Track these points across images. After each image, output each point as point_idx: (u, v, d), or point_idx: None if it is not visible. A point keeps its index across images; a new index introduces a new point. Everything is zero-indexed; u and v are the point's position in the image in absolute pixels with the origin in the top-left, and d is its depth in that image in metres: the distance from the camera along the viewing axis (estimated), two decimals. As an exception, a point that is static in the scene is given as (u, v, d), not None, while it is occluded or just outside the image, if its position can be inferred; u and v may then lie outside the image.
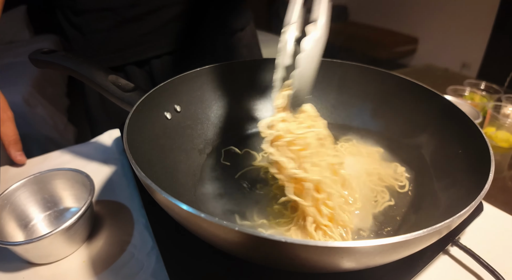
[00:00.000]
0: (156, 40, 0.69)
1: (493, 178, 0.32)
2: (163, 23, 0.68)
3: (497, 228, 0.47)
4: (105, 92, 0.48)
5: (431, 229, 0.25)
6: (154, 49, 0.70)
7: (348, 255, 0.25)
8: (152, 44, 0.70)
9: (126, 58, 0.70)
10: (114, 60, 0.70)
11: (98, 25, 0.65)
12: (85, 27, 0.66)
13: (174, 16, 0.68)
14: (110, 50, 0.69)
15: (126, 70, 0.72)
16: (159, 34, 0.69)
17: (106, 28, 0.65)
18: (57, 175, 0.47)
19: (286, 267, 0.32)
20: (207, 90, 0.56)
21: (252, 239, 0.25)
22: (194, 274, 0.37)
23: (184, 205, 0.26)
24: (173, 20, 0.69)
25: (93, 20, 0.65)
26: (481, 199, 0.29)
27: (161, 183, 0.40)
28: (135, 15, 0.65)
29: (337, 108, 0.59)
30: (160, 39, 0.70)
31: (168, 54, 0.73)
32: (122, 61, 0.70)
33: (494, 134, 0.72)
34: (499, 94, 0.88)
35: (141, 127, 0.42)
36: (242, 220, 0.41)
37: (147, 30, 0.68)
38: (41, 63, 0.52)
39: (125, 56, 0.70)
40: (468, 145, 0.40)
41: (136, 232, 0.46)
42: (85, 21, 0.65)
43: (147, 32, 0.68)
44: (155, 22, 0.67)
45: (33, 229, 0.45)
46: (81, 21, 0.65)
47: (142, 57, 0.71)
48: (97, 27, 0.65)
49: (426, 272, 0.40)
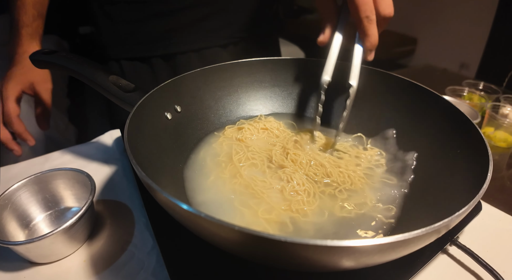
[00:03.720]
0: (182, 37, 0.72)
1: (492, 177, 0.32)
2: (191, 21, 0.71)
3: (496, 227, 0.47)
4: (106, 93, 0.48)
5: (430, 228, 0.25)
6: (179, 46, 0.73)
7: (347, 254, 0.25)
8: (178, 40, 0.72)
9: (151, 50, 0.73)
10: (139, 51, 0.73)
11: (128, 15, 0.69)
12: (116, 17, 0.69)
13: (202, 16, 0.71)
14: (136, 41, 0.72)
15: (152, 62, 0.75)
16: (186, 31, 0.72)
17: (135, 20, 0.69)
18: (58, 175, 0.47)
19: (285, 266, 0.32)
20: (207, 91, 0.56)
21: (252, 238, 0.25)
22: (194, 274, 0.38)
23: (185, 204, 0.26)
24: (200, 20, 0.71)
25: (125, 11, 0.68)
26: (479, 199, 0.29)
27: (161, 182, 0.40)
28: (164, 11, 0.68)
29: (337, 108, 0.59)
30: (186, 36, 0.72)
31: (193, 52, 0.75)
32: (147, 53, 0.73)
33: (493, 134, 0.72)
34: (498, 95, 0.88)
35: (141, 128, 0.42)
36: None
37: (175, 26, 0.70)
38: (42, 64, 0.52)
39: (150, 49, 0.73)
40: (466, 145, 0.40)
41: (136, 232, 0.46)
42: (117, 11, 0.68)
43: (174, 28, 0.71)
44: (183, 19, 0.70)
45: (34, 229, 0.45)
46: (113, 10, 0.69)
47: (167, 52, 0.73)
48: (127, 17, 0.69)
49: (425, 271, 0.40)
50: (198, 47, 0.75)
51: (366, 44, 0.47)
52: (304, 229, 0.39)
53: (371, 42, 0.47)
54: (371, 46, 0.47)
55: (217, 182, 0.46)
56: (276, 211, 0.41)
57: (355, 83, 0.48)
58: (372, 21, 0.45)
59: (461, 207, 0.28)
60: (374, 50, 0.49)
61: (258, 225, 0.39)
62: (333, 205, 0.42)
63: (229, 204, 0.42)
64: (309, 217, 0.40)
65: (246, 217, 0.40)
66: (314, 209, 0.41)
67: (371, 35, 0.46)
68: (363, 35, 0.46)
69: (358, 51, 0.49)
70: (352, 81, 0.47)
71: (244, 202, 0.42)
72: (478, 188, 0.30)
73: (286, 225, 0.39)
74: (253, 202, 0.42)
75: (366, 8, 0.43)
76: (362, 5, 0.43)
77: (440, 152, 0.44)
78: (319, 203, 0.42)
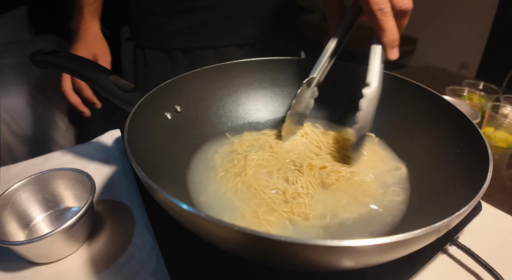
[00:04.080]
0: (201, 33, 0.77)
1: (492, 177, 0.32)
2: (211, 20, 0.75)
3: (496, 227, 0.47)
4: (106, 93, 0.48)
5: (430, 228, 0.25)
6: (198, 41, 0.78)
7: (347, 254, 0.25)
8: (197, 36, 0.77)
9: (172, 43, 0.79)
10: (162, 42, 0.79)
11: (157, 9, 0.75)
12: (146, 8, 0.76)
13: (222, 15, 0.75)
14: (160, 33, 0.78)
15: (172, 54, 0.81)
16: (205, 28, 0.76)
17: (162, 13, 0.75)
18: (58, 175, 0.47)
19: (285, 266, 0.32)
20: (207, 91, 0.56)
21: (251, 238, 0.25)
22: (195, 273, 0.38)
23: (185, 204, 0.26)
24: (220, 19, 0.75)
25: (155, 4, 0.75)
26: (479, 198, 0.29)
27: (161, 182, 0.40)
28: (188, 8, 0.74)
29: (337, 108, 0.59)
30: (205, 33, 0.77)
31: (211, 48, 0.79)
32: (168, 45, 0.80)
33: (493, 134, 0.72)
34: (498, 95, 0.88)
35: (141, 128, 0.42)
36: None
37: (196, 23, 0.75)
38: (42, 64, 0.52)
39: (172, 41, 0.79)
40: (466, 145, 0.40)
41: (136, 232, 0.46)
42: (148, 3, 0.76)
43: (195, 25, 0.76)
44: (204, 17, 0.75)
45: (34, 229, 0.45)
46: (145, 2, 0.76)
47: (187, 46, 0.79)
48: (155, 10, 0.75)
49: (425, 271, 0.40)
50: (216, 45, 0.79)
51: (384, 40, 0.43)
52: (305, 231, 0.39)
53: (389, 37, 0.43)
54: (390, 42, 0.44)
55: (219, 181, 0.46)
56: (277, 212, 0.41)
57: (373, 83, 0.45)
58: (387, 13, 0.41)
59: (461, 207, 0.28)
60: (396, 46, 0.45)
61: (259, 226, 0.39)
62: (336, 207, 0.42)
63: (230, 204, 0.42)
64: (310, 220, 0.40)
65: (247, 218, 0.40)
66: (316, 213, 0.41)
67: (388, 29, 0.42)
68: (379, 30, 0.43)
69: (375, 49, 0.45)
70: (368, 80, 0.45)
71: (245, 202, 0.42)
72: (478, 188, 0.30)
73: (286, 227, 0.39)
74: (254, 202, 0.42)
75: (379, 0, 0.40)
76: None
77: (440, 152, 0.44)
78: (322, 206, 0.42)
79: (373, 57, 0.45)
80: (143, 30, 0.80)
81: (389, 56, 0.45)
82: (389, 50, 0.45)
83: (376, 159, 0.49)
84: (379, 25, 0.42)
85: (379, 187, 0.45)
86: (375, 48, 0.45)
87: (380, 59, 0.45)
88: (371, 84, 0.45)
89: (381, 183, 0.45)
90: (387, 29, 0.42)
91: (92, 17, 0.72)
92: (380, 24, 0.42)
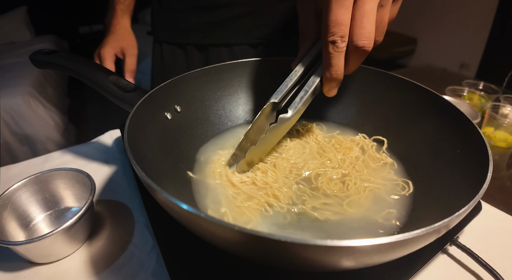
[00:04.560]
0: (215, 31, 0.79)
1: (492, 177, 0.32)
2: (226, 18, 0.77)
3: (496, 227, 0.47)
4: (106, 93, 0.48)
5: (430, 228, 0.25)
6: (212, 39, 0.80)
7: (347, 254, 0.25)
8: (211, 33, 0.80)
9: (188, 38, 0.82)
10: (178, 38, 0.83)
11: (175, 5, 0.79)
12: (166, 4, 0.80)
13: (237, 14, 0.77)
14: (177, 28, 0.82)
15: (187, 50, 0.84)
16: (220, 26, 0.78)
17: (180, 10, 0.79)
18: (58, 175, 0.47)
19: (285, 266, 0.32)
20: (207, 91, 0.56)
21: (251, 238, 0.25)
22: (195, 273, 0.38)
23: (184, 204, 0.26)
24: (235, 18, 0.77)
25: (175, 1, 0.78)
26: (479, 198, 0.29)
27: (161, 182, 0.40)
28: (205, 5, 0.76)
29: (336, 108, 0.59)
30: (219, 31, 0.79)
31: (224, 46, 0.81)
32: (183, 40, 0.83)
33: (493, 134, 0.72)
34: (498, 95, 0.88)
35: (141, 128, 0.42)
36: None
37: (211, 20, 0.78)
38: (42, 64, 0.52)
39: (187, 37, 0.82)
40: (466, 145, 0.40)
41: (136, 232, 0.47)
42: (169, 0, 0.79)
43: (211, 22, 0.78)
44: (219, 15, 0.77)
45: (34, 229, 0.45)
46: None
47: (201, 42, 0.82)
48: (174, 6, 0.79)
49: (425, 271, 0.40)
50: (229, 43, 0.81)
51: (326, 74, 0.39)
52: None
53: (332, 73, 0.39)
54: (331, 78, 0.39)
55: (220, 181, 0.46)
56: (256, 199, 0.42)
57: (290, 113, 0.42)
58: (339, 49, 0.36)
59: (461, 207, 0.28)
60: (335, 84, 0.40)
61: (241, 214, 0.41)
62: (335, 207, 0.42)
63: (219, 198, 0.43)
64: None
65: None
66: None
67: (333, 65, 0.38)
68: (325, 63, 0.39)
69: (313, 80, 0.42)
70: (289, 108, 0.42)
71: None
72: (478, 188, 0.30)
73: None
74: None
75: (336, 31, 0.35)
76: (332, 26, 0.35)
77: (440, 152, 0.44)
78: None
79: (307, 87, 0.42)
80: (161, 25, 0.84)
81: (325, 92, 0.42)
82: (326, 87, 0.41)
83: (376, 160, 0.50)
84: (326, 58, 0.38)
85: (377, 185, 0.45)
86: (313, 79, 0.42)
87: (311, 92, 0.43)
88: (288, 113, 0.42)
89: (380, 182, 0.45)
90: (332, 64, 0.38)
91: (123, 14, 0.78)
92: (328, 58, 0.38)
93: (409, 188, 0.44)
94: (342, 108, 0.59)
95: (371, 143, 0.52)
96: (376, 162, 0.49)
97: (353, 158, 0.49)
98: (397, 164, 0.49)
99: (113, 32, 0.75)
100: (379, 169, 0.48)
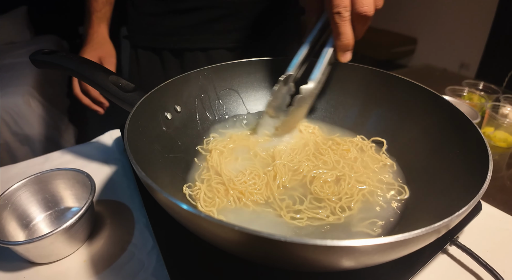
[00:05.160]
0: (191, 34, 0.78)
1: (492, 177, 0.32)
2: (202, 21, 0.76)
3: (496, 227, 0.47)
4: (106, 93, 0.48)
5: (430, 228, 0.25)
6: (187, 43, 0.79)
7: (347, 254, 0.25)
8: (187, 37, 0.78)
9: (162, 43, 0.80)
10: (153, 42, 0.81)
11: (150, 9, 0.77)
12: (141, 8, 0.78)
13: (213, 17, 0.75)
14: (152, 33, 0.80)
15: (162, 55, 0.82)
16: (195, 30, 0.77)
17: (155, 14, 0.77)
18: (58, 175, 0.47)
19: (285, 266, 0.32)
20: (207, 91, 0.56)
21: (251, 238, 0.25)
22: (195, 273, 0.38)
23: (184, 204, 0.26)
24: (210, 21, 0.76)
25: (148, 5, 0.77)
26: (479, 198, 0.29)
27: (161, 182, 0.40)
28: (179, 9, 0.74)
29: (336, 108, 0.59)
30: (195, 35, 0.78)
31: (200, 50, 0.80)
32: (158, 45, 0.81)
33: (493, 134, 0.72)
34: (497, 94, 0.88)
35: (142, 128, 0.42)
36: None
37: (186, 24, 0.76)
38: (41, 64, 0.52)
39: (162, 42, 0.80)
40: (466, 145, 0.40)
41: (136, 232, 0.46)
42: (142, 4, 0.78)
43: (185, 26, 0.77)
44: (195, 19, 0.76)
45: (34, 229, 0.45)
46: (139, 3, 0.78)
47: (176, 47, 0.80)
48: (149, 10, 0.77)
49: (425, 271, 0.40)
50: (205, 47, 0.79)
51: (337, 43, 0.44)
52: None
53: (342, 41, 0.43)
54: (342, 46, 0.44)
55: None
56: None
57: (311, 83, 0.46)
58: (344, 18, 0.41)
59: (461, 207, 0.28)
60: (348, 50, 0.45)
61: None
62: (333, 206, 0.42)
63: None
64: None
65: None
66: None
67: (342, 33, 0.43)
68: (334, 33, 0.43)
69: (326, 50, 0.46)
70: (309, 79, 0.46)
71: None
72: (478, 188, 0.30)
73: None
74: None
75: (339, 3, 0.40)
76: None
77: (440, 151, 0.44)
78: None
79: (321, 58, 0.46)
80: (137, 30, 0.82)
81: (340, 59, 0.46)
82: (340, 53, 0.46)
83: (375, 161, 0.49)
84: (335, 28, 0.43)
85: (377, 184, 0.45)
86: (326, 50, 0.46)
87: (327, 61, 0.47)
88: (309, 83, 0.46)
89: (380, 182, 0.45)
90: (341, 33, 0.43)
91: (99, 23, 0.76)
92: (336, 27, 0.42)
93: (405, 192, 0.44)
94: (342, 108, 0.59)
95: (370, 144, 0.52)
96: (376, 163, 0.49)
97: (351, 159, 0.49)
98: (396, 165, 0.49)
99: (90, 41, 0.74)
100: (378, 170, 0.48)
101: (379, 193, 0.44)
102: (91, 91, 0.72)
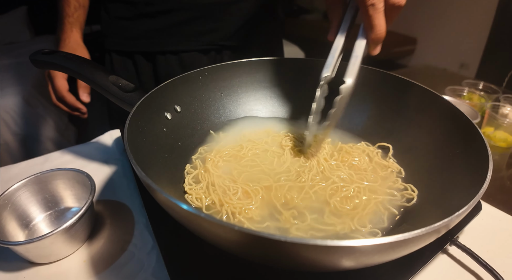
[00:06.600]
0: (162, 37, 0.77)
1: (492, 177, 0.32)
2: (172, 24, 0.75)
3: (496, 227, 0.47)
4: (106, 93, 0.48)
5: (430, 228, 0.25)
6: (158, 46, 0.78)
7: (347, 254, 0.25)
8: (158, 40, 0.78)
9: (134, 47, 0.80)
10: (125, 46, 0.81)
11: (121, 13, 0.77)
12: (112, 13, 0.78)
13: (184, 19, 0.75)
14: (125, 36, 0.80)
15: (135, 59, 0.82)
16: (166, 33, 0.76)
17: (126, 17, 0.77)
18: (58, 175, 0.47)
19: (285, 265, 0.32)
20: (207, 91, 0.56)
21: (251, 238, 0.25)
22: (195, 273, 0.38)
23: (184, 204, 0.26)
24: (182, 23, 0.75)
25: (119, 9, 0.77)
26: (479, 198, 0.29)
27: (161, 182, 0.40)
28: (149, 12, 0.74)
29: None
30: (166, 38, 0.77)
31: (171, 53, 0.79)
32: (130, 49, 0.80)
33: (493, 134, 0.72)
34: (497, 94, 0.88)
35: (142, 128, 0.42)
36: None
37: (157, 27, 0.76)
38: (41, 64, 0.52)
39: (133, 45, 0.80)
40: (466, 145, 0.40)
41: (136, 232, 0.46)
42: (113, 8, 0.78)
43: (156, 29, 0.76)
44: (166, 21, 0.75)
45: (34, 229, 0.45)
46: (111, 7, 0.78)
47: (148, 50, 0.79)
48: (120, 14, 0.77)
49: (425, 271, 0.40)
50: (176, 50, 0.78)
51: (371, 36, 0.42)
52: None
53: (377, 33, 0.42)
54: (376, 39, 0.43)
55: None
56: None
57: (350, 81, 0.43)
58: (379, 9, 0.40)
59: (461, 207, 0.28)
60: (380, 43, 0.44)
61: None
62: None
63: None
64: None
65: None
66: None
67: (376, 25, 0.41)
68: (367, 25, 0.42)
69: (360, 45, 0.44)
70: (346, 77, 0.43)
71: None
72: (478, 188, 0.30)
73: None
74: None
75: None
76: None
77: (440, 152, 0.44)
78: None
79: (357, 53, 0.44)
80: (109, 34, 0.81)
81: (372, 52, 0.45)
82: (373, 46, 0.44)
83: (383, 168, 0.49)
84: (368, 21, 0.41)
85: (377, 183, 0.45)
86: (359, 44, 0.44)
87: (362, 55, 0.44)
88: (348, 82, 0.43)
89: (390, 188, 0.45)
90: (375, 25, 0.41)
91: (72, 27, 0.75)
92: (370, 20, 0.41)
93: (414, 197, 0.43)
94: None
95: (376, 150, 0.51)
96: (384, 169, 0.48)
97: (361, 170, 0.48)
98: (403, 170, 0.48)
99: (63, 47, 0.73)
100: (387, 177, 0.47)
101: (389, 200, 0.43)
102: (67, 98, 0.72)
